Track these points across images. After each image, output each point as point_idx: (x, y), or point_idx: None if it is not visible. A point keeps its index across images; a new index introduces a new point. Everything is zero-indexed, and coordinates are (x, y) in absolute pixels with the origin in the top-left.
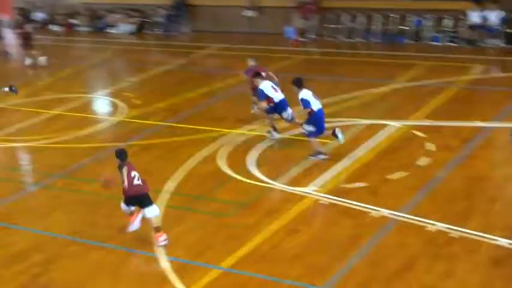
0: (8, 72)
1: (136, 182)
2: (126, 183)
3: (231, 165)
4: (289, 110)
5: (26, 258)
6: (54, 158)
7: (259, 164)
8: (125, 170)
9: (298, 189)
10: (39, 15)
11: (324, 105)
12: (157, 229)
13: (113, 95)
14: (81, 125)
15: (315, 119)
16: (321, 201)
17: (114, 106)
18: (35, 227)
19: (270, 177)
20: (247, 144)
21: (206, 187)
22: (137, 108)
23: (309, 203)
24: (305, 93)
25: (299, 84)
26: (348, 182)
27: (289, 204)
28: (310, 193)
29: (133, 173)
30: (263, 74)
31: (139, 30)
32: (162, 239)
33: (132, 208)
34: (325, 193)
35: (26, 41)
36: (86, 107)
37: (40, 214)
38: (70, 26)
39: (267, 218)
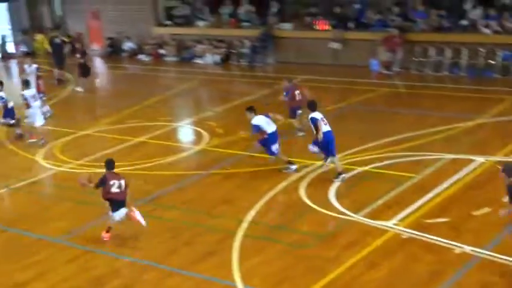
0: (94, 100)
1: (114, 189)
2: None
3: (312, 196)
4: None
5: (105, 283)
6: (137, 184)
7: (340, 196)
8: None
9: (378, 223)
10: (128, 45)
11: (408, 139)
12: (108, 230)
13: (197, 123)
14: (164, 152)
15: (323, 142)
16: (401, 236)
17: (198, 135)
18: (115, 252)
19: (350, 210)
20: (329, 176)
21: (286, 218)
22: (220, 138)
23: (389, 237)
24: (315, 115)
25: (313, 107)
26: (430, 217)
27: (370, 238)
28: (391, 227)
29: (112, 182)
30: (297, 92)
31: (225, 60)
32: (106, 235)
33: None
34: (406, 227)
35: (85, 69)
36: (170, 135)
37: (121, 239)
38: (158, 56)
39: (346, 251)
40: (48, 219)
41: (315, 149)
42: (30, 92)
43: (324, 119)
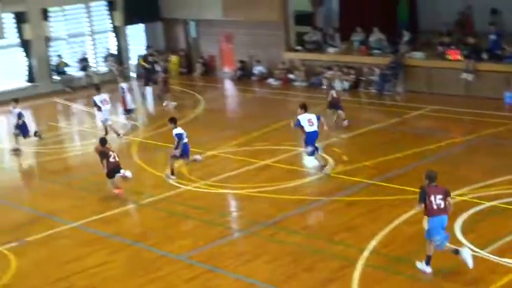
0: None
1: (111, 159)
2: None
3: None
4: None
5: None
6: (261, 207)
7: (466, 231)
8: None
9: (506, 260)
10: (258, 69)
11: None
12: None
13: (322, 149)
14: (289, 176)
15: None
16: None
17: (322, 160)
18: (236, 272)
19: (476, 245)
20: (455, 209)
21: (409, 249)
22: (344, 164)
23: None
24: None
25: (304, 108)
26: None
27: (496, 276)
28: None
29: (110, 153)
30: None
31: (354, 87)
32: (117, 191)
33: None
34: None
35: (165, 86)
36: (295, 159)
37: (242, 261)
38: (287, 81)
39: None
40: (173, 237)
41: (309, 148)
42: (101, 97)
43: (312, 120)
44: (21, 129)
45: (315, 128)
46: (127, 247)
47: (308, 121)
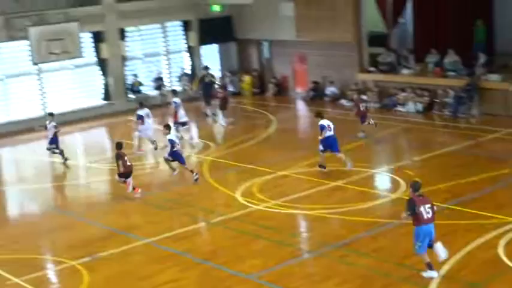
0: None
1: (127, 163)
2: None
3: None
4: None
5: None
6: (331, 228)
7: None
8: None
9: None
10: (331, 90)
11: None
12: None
13: (394, 171)
14: (360, 198)
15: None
16: None
17: (395, 183)
18: None
19: None
20: None
21: (482, 275)
22: None
23: None
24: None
25: (320, 115)
26: None
27: None
28: None
29: (125, 158)
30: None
31: (427, 109)
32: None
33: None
34: None
35: (224, 103)
36: (367, 181)
37: (312, 282)
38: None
39: None
40: (243, 256)
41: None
42: (144, 111)
43: (330, 126)
44: (53, 142)
45: (331, 132)
46: (198, 265)
47: (327, 126)
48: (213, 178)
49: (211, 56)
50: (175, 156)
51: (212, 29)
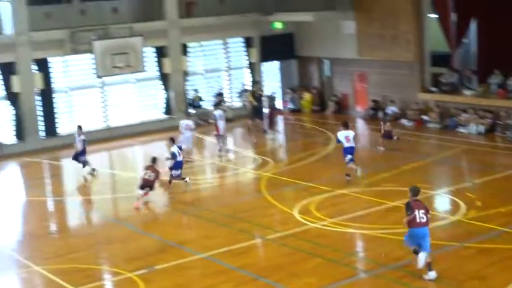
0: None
1: (146, 177)
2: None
3: None
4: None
5: None
6: (388, 249)
7: None
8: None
9: None
10: (391, 109)
11: None
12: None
13: (455, 193)
14: None
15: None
16: None
17: (455, 205)
18: None
19: None
20: None
21: None
22: (477, 210)
23: None
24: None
25: (345, 125)
26: None
27: None
28: None
29: (147, 171)
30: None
31: (490, 131)
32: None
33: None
34: None
35: (273, 118)
36: (426, 202)
37: None
38: (420, 122)
39: None
40: (298, 274)
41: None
42: (185, 122)
43: (349, 137)
44: (80, 156)
45: (351, 143)
46: (252, 281)
47: (345, 138)
48: (270, 195)
49: (271, 72)
50: (178, 166)
51: (273, 46)
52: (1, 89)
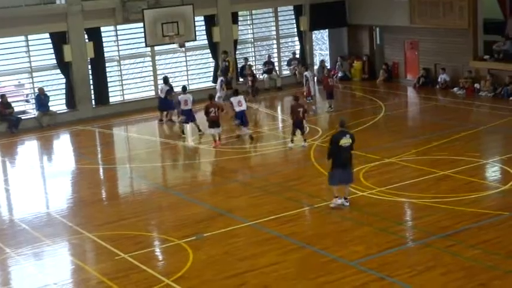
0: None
1: (212, 114)
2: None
3: None
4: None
5: None
6: (436, 218)
7: None
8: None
9: None
10: (442, 77)
11: None
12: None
13: (506, 162)
14: (468, 188)
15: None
16: None
17: (505, 174)
18: (408, 282)
19: None
20: None
21: None
22: None
23: None
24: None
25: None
26: None
27: None
28: None
29: (211, 109)
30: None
31: None
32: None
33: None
34: None
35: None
36: (476, 171)
37: (416, 271)
38: (472, 90)
39: None
40: (346, 242)
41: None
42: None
43: (241, 101)
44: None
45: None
46: (300, 249)
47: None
48: (319, 163)
49: (320, 40)
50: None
51: (324, 14)
52: (53, 58)
